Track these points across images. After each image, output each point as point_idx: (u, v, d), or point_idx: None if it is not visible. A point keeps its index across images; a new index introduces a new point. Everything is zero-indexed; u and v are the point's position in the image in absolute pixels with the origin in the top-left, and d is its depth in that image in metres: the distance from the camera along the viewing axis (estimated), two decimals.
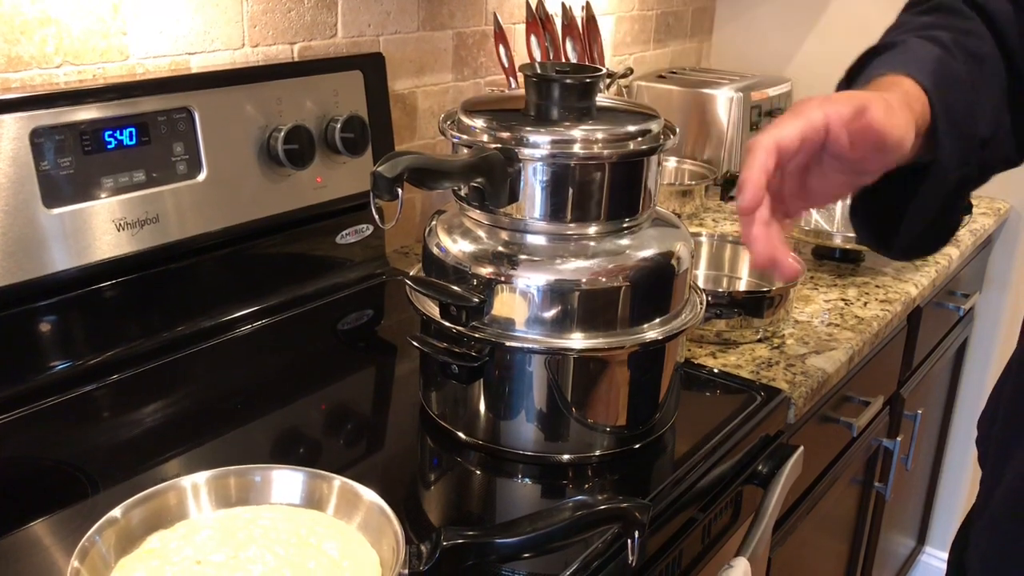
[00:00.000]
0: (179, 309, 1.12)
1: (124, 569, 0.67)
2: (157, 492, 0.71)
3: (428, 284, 0.90)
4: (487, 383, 0.90)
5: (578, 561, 0.76)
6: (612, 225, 0.88)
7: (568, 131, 0.85)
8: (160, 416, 0.99)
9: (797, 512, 1.26)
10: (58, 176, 0.96)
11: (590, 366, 0.89)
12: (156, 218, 1.05)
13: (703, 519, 0.93)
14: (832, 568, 1.60)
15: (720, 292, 1.20)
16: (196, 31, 1.13)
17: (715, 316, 1.15)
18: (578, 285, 0.85)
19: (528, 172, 0.85)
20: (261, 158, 1.15)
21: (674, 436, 0.98)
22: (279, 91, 1.16)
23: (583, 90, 0.88)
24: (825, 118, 0.65)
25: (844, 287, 1.41)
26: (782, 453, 1.04)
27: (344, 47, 1.31)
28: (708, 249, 1.41)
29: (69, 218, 0.98)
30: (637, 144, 0.87)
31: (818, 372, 1.14)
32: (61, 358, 1.01)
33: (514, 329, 0.86)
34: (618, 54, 1.94)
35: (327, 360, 1.15)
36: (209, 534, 0.70)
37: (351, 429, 1.01)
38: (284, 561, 0.67)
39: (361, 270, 1.33)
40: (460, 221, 0.92)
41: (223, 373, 1.08)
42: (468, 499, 0.90)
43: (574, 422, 0.90)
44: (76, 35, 1.02)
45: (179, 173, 1.07)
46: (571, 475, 0.91)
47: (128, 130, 1.02)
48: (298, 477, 0.75)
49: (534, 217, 0.86)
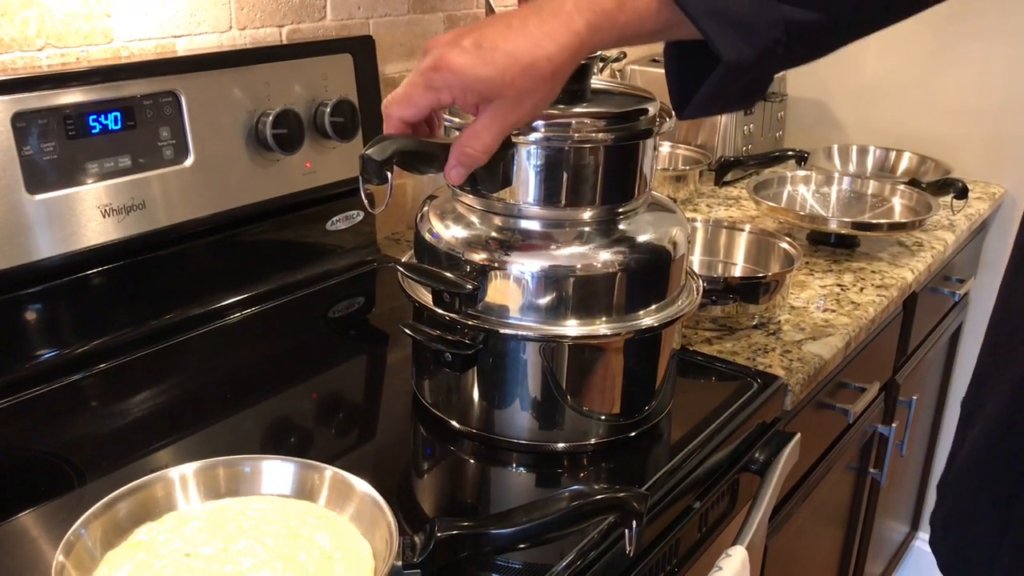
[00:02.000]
0: (167, 297, 1.10)
1: (111, 562, 0.65)
2: (144, 484, 0.70)
3: (420, 271, 0.88)
4: (481, 371, 0.88)
5: (574, 551, 0.75)
6: (607, 210, 0.87)
7: (562, 113, 0.84)
8: (148, 406, 0.98)
9: (793, 499, 1.25)
10: (41, 161, 0.94)
11: (585, 353, 0.87)
12: (142, 204, 1.03)
13: (700, 507, 0.92)
14: (827, 554, 1.60)
15: (715, 278, 1.19)
16: (182, 13, 1.11)
17: (711, 302, 1.14)
18: (573, 271, 0.84)
19: (522, 156, 0.83)
20: (249, 143, 1.13)
21: (670, 424, 0.97)
22: (267, 75, 1.14)
23: (578, 72, 0.86)
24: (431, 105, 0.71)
25: (840, 273, 1.40)
26: (779, 440, 1.03)
27: (333, 30, 1.29)
28: (703, 235, 1.40)
29: (53, 204, 0.96)
30: (632, 127, 0.85)
31: (814, 358, 1.13)
32: (47, 347, 1.00)
33: (508, 316, 0.85)
34: None
35: (318, 348, 1.13)
36: (198, 526, 0.69)
37: (343, 418, 0.99)
38: (275, 553, 0.66)
39: (352, 257, 1.31)
40: (453, 206, 0.90)
41: (212, 362, 1.07)
42: (462, 489, 0.89)
43: (569, 410, 0.89)
44: (59, 17, 1.00)
45: (165, 158, 1.05)
46: (566, 464, 0.90)
47: (113, 114, 1.00)
48: (289, 468, 0.73)
49: (528, 202, 0.85)
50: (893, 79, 1.06)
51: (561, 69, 0.70)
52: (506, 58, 0.68)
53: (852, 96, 2.00)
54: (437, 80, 0.69)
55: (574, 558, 0.75)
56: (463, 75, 0.68)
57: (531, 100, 0.71)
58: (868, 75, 1.97)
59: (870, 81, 1.95)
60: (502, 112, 0.71)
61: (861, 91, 1.96)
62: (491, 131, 0.73)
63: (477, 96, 0.70)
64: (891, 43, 1.93)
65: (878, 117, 1.05)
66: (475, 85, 0.69)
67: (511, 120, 0.72)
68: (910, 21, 0.79)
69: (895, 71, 1.14)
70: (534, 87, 0.70)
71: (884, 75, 1.96)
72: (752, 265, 1.37)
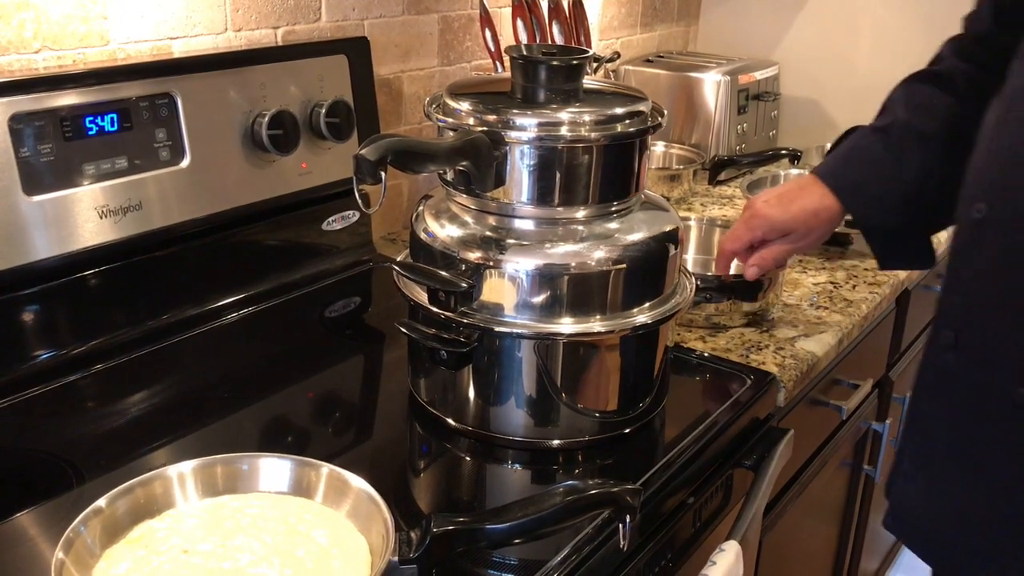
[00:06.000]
0: (164, 297, 1.10)
1: (110, 559, 0.66)
2: (143, 481, 0.71)
3: (416, 270, 0.89)
4: (476, 369, 0.89)
5: (569, 546, 0.76)
6: (601, 209, 0.88)
7: (555, 113, 0.85)
8: (146, 405, 0.98)
9: (787, 495, 1.26)
10: (38, 163, 0.95)
11: (580, 351, 0.88)
12: (139, 205, 1.04)
13: (694, 503, 0.93)
14: (821, 550, 1.60)
15: (710, 277, 1.20)
16: (178, 15, 1.12)
17: (705, 300, 1.15)
18: (567, 269, 0.85)
19: (515, 155, 0.84)
20: (245, 144, 1.13)
21: (664, 420, 0.98)
22: (263, 76, 1.14)
23: (570, 72, 0.87)
24: (755, 233, 1.10)
25: (833, 270, 1.41)
26: (772, 436, 1.04)
27: (328, 31, 1.30)
28: (697, 233, 1.40)
29: (50, 205, 0.96)
30: (625, 126, 0.86)
31: (808, 355, 1.14)
32: (45, 347, 1.00)
33: (503, 314, 0.86)
34: (605, 38, 1.92)
35: (314, 348, 1.14)
36: (196, 523, 0.69)
37: (340, 417, 1.00)
38: (272, 549, 0.67)
39: (348, 257, 1.32)
40: (447, 206, 0.91)
41: (209, 362, 1.07)
42: (458, 485, 0.90)
43: (564, 407, 0.89)
44: (55, 19, 1.00)
45: (162, 159, 1.06)
46: (561, 460, 0.91)
47: (109, 116, 1.00)
48: (285, 465, 0.74)
49: (522, 201, 0.86)
50: (885, 78, 1.07)
51: (834, 218, 1.07)
52: (799, 209, 1.07)
53: (845, 95, 2.01)
54: (754, 224, 1.09)
55: (569, 553, 0.75)
56: (771, 219, 1.08)
57: (814, 235, 1.09)
58: (861, 74, 1.98)
59: (863, 80, 1.96)
60: (792, 240, 1.09)
61: (854, 90, 1.97)
62: (785, 252, 1.10)
63: (778, 233, 1.08)
64: (883, 42, 1.94)
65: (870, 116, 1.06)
66: (778, 226, 1.08)
67: (799, 247, 1.10)
68: (902, 20, 0.84)
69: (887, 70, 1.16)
70: (818, 226, 1.08)
71: (877, 74, 1.96)
72: None
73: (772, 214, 1.08)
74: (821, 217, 1.07)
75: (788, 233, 1.08)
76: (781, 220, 1.07)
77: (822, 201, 1.06)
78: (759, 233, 1.09)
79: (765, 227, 1.08)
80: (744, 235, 1.10)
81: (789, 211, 1.07)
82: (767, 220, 1.08)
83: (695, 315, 1.18)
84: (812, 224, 1.07)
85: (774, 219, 1.08)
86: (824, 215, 1.07)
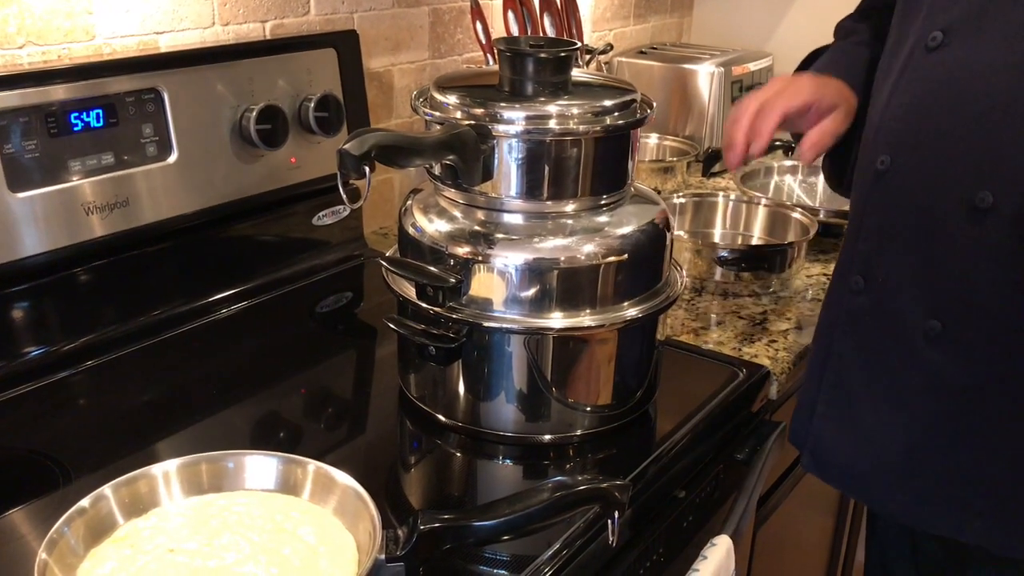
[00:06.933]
0: (153, 293, 1.10)
1: (95, 558, 0.66)
2: (127, 480, 0.70)
3: (404, 265, 0.88)
4: (466, 364, 0.88)
5: (559, 541, 0.76)
6: (590, 202, 0.87)
7: (543, 106, 0.84)
8: (136, 403, 0.98)
9: (781, 488, 1.25)
10: (23, 159, 0.94)
11: (570, 345, 0.87)
12: (126, 201, 1.03)
13: (686, 497, 0.92)
14: (817, 542, 1.60)
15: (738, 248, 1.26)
16: (164, 10, 1.11)
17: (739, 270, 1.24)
18: (556, 263, 0.84)
19: (503, 149, 0.83)
20: (233, 139, 1.13)
21: (656, 414, 0.97)
22: (250, 70, 1.13)
23: (558, 64, 0.87)
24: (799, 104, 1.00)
25: (827, 262, 1.41)
26: (765, 429, 1.04)
27: (317, 24, 1.29)
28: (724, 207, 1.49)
29: (37, 202, 0.96)
30: (613, 119, 0.85)
31: (800, 347, 1.13)
32: (34, 344, 1.00)
33: (492, 309, 0.85)
34: (598, 30, 1.91)
35: (305, 344, 1.13)
36: (182, 522, 0.69)
37: (330, 413, 1.00)
38: (259, 547, 0.66)
39: (339, 252, 1.31)
40: (436, 200, 0.90)
41: (199, 358, 1.07)
42: (448, 482, 0.89)
43: (555, 402, 0.89)
44: (39, 14, 1.00)
45: (149, 155, 1.05)
46: (552, 455, 0.90)
47: (95, 112, 0.99)
48: (272, 462, 0.73)
49: (510, 195, 0.85)
50: None
51: (837, 83, 1.02)
52: (807, 81, 1.02)
53: None
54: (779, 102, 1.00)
55: (559, 548, 0.75)
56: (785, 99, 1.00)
57: (828, 99, 1.01)
58: None
59: None
60: (818, 112, 1.01)
61: None
62: (834, 121, 1.00)
63: (798, 110, 1.00)
64: None
65: None
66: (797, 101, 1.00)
67: (833, 116, 1.01)
68: None
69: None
70: (828, 93, 1.01)
71: None
72: (768, 237, 1.45)
73: (782, 96, 0.99)
74: (829, 83, 1.00)
75: (806, 109, 0.99)
76: (799, 95, 0.99)
77: (812, 75, 1.02)
78: (777, 116, 0.98)
79: (783, 106, 0.98)
80: (766, 124, 0.98)
81: (799, 89, 0.99)
82: (783, 98, 0.99)
83: (687, 309, 1.18)
84: (824, 91, 1.00)
85: (789, 96, 0.99)
86: (827, 80, 1.01)
